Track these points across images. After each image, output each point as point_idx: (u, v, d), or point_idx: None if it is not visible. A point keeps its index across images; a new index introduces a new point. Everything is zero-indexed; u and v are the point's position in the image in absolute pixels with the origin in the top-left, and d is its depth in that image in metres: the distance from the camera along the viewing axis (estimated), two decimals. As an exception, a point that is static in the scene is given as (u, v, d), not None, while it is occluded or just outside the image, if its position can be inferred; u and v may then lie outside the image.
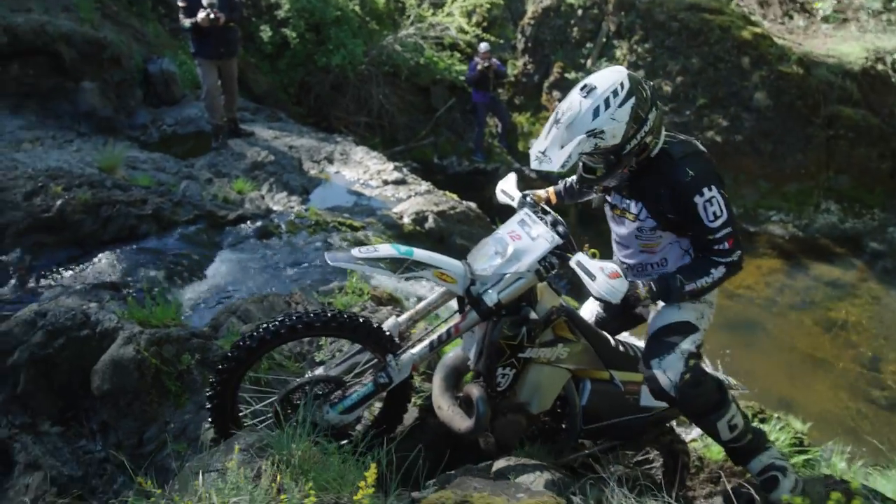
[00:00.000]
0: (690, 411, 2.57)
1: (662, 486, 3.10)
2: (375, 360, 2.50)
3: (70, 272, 4.33)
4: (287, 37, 10.95)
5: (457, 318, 2.48)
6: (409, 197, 6.72)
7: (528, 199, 2.75)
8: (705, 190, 2.36)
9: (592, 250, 2.49)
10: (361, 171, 7.36)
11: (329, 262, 2.36)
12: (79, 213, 4.61)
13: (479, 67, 10.71)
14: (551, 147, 2.32)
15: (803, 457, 4.16)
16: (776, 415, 4.54)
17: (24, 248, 4.34)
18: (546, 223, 2.49)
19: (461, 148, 11.94)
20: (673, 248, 2.59)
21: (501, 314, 2.42)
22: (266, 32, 10.96)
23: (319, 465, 2.25)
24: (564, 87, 11.73)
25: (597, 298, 2.28)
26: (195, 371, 3.29)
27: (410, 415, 2.91)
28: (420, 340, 2.50)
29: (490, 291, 2.37)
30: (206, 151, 7.51)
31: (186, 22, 6.95)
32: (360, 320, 2.42)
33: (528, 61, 12.16)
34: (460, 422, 2.45)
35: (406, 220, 6.19)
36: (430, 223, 6.14)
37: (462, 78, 11.68)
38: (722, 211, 2.37)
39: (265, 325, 2.36)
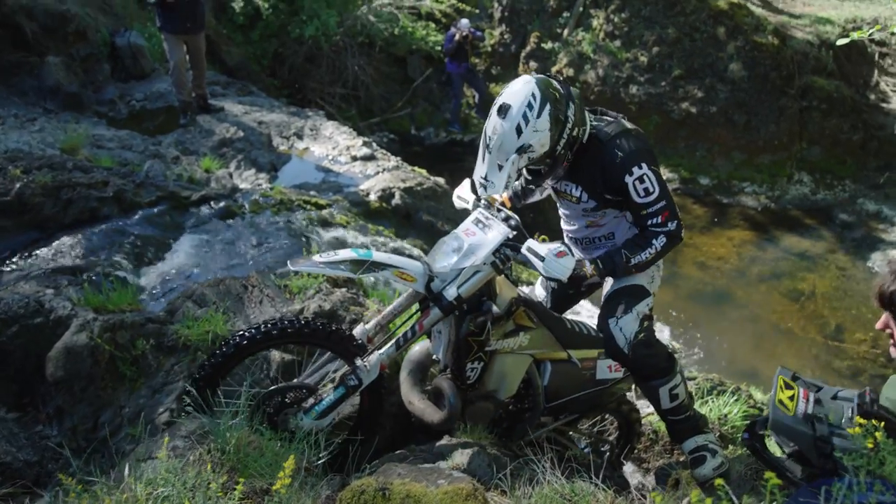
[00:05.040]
0: (639, 371, 2.71)
1: (615, 449, 3.28)
2: (346, 364, 2.58)
3: (29, 257, 4.34)
4: (259, 7, 10.78)
5: (420, 316, 2.57)
6: (378, 173, 6.73)
7: (482, 200, 2.85)
8: (635, 169, 2.46)
9: (542, 237, 2.59)
10: (331, 146, 7.34)
11: (292, 268, 2.44)
12: (38, 196, 4.59)
13: (456, 38, 10.63)
14: (490, 172, 2.46)
15: (757, 428, 4.30)
16: (734, 386, 4.68)
17: (-17, 233, 4.35)
18: (498, 219, 2.58)
19: (438, 119, 11.90)
20: (619, 221, 2.69)
21: (463, 309, 2.51)
22: (238, 3, 10.78)
23: (256, 452, 2.33)
24: (541, 56, 11.67)
25: (547, 278, 2.42)
26: (150, 356, 3.35)
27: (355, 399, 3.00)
28: (387, 341, 2.59)
29: (450, 287, 2.46)
30: (176, 127, 7.45)
31: (151, -4, 6.84)
32: (332, 328, 2.51)
33: (505, 31, 12.06)
34: (433, 414, 2.56)
35: (373, 197, 6.21)
36: (396, 200, 6.17)
37: (439, 48, 11.58)
38: (654, 187, 2.47)
39: (242, 333, 2.44)
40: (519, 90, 2.39)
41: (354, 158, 7.07)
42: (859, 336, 8.07)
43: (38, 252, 4.38)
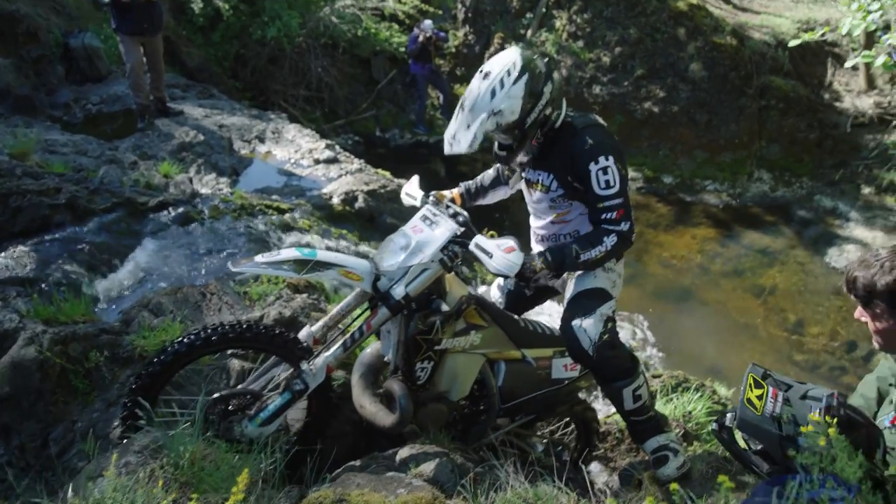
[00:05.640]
0: (602, 373, 2.70)
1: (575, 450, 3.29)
2: (291, 369, 2.52)
3: (-24, 267, 4.19)
4: (220, 8, 10.61)
5: (368, 316, 2.53)
6: (341, 176, 6.66)
7: (430, 197, 2.85)
8: (601, 158, 2.50)
9: (491, 233, 2.57)
10: (293, 149, 7.24)
11: (233, 269, 2.36)
12: (-16, 204, 4.44)
13: (420, 39, 10.60)
14: (459, 130, 2.48)
15: (720, 423, 4.35)
16: (699, 382, 4.72)
17: (-74, 243, 4.17)
18: (446, 215, 2.57)
19: (403, 120, 11.85)
20: (585, 220, 2.70)
21: (412, 308, 2.47)
22: (197, 4, 10.59)
23: (212, 466, 2.27)
24: (506, 58, 11.71)
25: (495, 274, 2.38)
26: (104, 368, 3.25)
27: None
28: (333, 342, 2.53)
29: (397, 285, 2.43)
30: (134, 131, 7.27)
31: (105, -4, 6.67)
32: (275, 331, 2.44)
33: (469, 32, 12.06)
34: (384, 418, 2.51)
35: (336, 200, 6.14)
36: (359, 203, 6.11)
37: (402, 49, 11.53)
38: (615, 182, 2.50)
39: (180, 339, 2.36)
40: (502, 57, 2.48)
41: (317, 161, 6.99)
42: (818, 329, 8.26)
43: (-15, 262, 4.22)
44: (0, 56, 7.41)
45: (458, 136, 2.46)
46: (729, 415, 2.36)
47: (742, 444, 2.40)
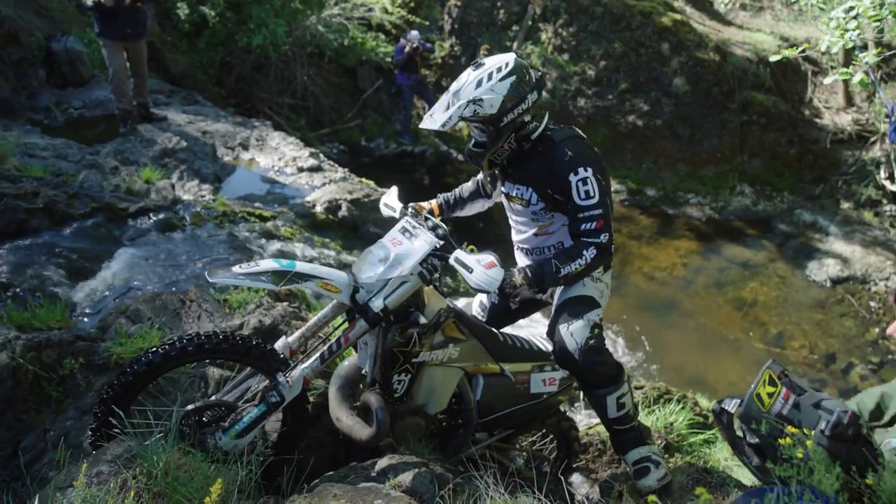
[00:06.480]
0: (587, 379, 2.71)
1: (554, 463, 3.27)
2: (267, 380, 2.48)
3: (-51, 271, 4.11)
4: (206, 15, 10.56)
5: (346, 328, 2.51)
6: (324, 184, 6.64)
7: (409, 209, 2.85)
8: (580, 169, 2.53)
9: (471, 247, 2.56)
10: (277, 157, 7.21)
11: (209, 280, 2.32)
12: (-41, 207, 4.36)
13: (406, 50, 10.63)
14: (438, 110, 2.54)
15: (702, 436, 4.37)
16: (681, 394, 4.74)
17: None
18: (426, 228, 2.56)
19: (388, 130, 11.85)
20: (567, 230, 2.71)
21: (390, 320, 2.46)
22: (183, 10, 10.54)
23: (186, 476, 2.23)
24: (491, 70, 11.77)
25: (476, 289, 2.37)
26: (79, 375, 3.19)
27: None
28: (310, 354, 2.51)
29: (375, 298, 2.41)
30: (116, 136, 7.20)
31: (89, 0, 6.60)
32: (252, 343, 2.41)
33: (455, 43, 12.12)
34: (361, 430, 2.48)
35: (319, 208, 6.12)
36: (343, 211, 6.09)
37: (389, 59, 11.55)
38: (594, 192, 2.53)
39: (155, 349, 2.32)
40: (498, 57, 2.59)
41: (301, 170, 6.96)
42: (798, 343, 8.34)
43: (-41, 267, 4.14)
44: (-20, 58, 7.32)
45: (436, 115, 2.53)
46: (734, 400, 2.35)
47: (739, 432, 2.39)
